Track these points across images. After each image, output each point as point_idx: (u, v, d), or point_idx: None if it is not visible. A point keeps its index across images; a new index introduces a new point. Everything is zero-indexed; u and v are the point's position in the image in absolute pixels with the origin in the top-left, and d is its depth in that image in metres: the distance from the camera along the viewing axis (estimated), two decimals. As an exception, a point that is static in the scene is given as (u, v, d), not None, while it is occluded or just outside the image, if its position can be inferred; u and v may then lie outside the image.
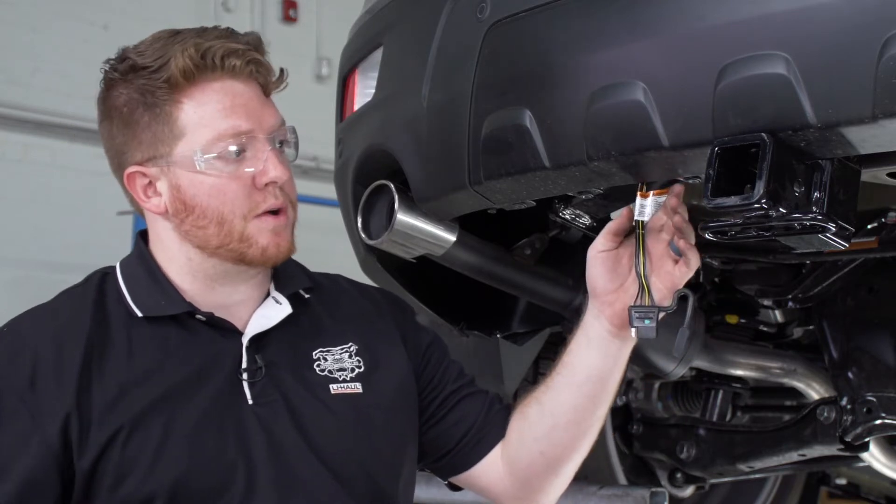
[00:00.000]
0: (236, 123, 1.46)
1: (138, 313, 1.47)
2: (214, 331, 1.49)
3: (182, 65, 1.44)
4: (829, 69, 1.17)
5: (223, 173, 1.46)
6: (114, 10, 5.81)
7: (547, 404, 1.59)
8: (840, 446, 2.15)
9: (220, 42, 1.48)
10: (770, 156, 1.21)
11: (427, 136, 1.69)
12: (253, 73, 1.49)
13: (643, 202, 1.43)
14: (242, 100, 1.48)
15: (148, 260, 1.53)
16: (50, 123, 5.57)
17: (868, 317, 2.13)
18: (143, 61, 1.47)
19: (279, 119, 1.52)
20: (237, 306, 1.52)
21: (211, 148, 1.45)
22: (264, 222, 1.48)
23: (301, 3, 6.67)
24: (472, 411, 1.65)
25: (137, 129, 1.48)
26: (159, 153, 1.47)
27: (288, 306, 1.54)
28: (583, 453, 1.63)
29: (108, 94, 1.49)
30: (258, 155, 1.47)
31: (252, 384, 1.47)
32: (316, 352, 1.55)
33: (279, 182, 1.47)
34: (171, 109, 1.46)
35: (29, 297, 1.52)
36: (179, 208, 1.48)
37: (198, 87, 1.46)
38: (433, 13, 1.70)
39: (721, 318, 2.30)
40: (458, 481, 1.70)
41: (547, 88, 1.47)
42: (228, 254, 1.48)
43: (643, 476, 2.65)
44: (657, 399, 2.67)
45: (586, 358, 1.55)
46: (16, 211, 5.41)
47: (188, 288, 1.50)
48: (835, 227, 1.29)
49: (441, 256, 1.83)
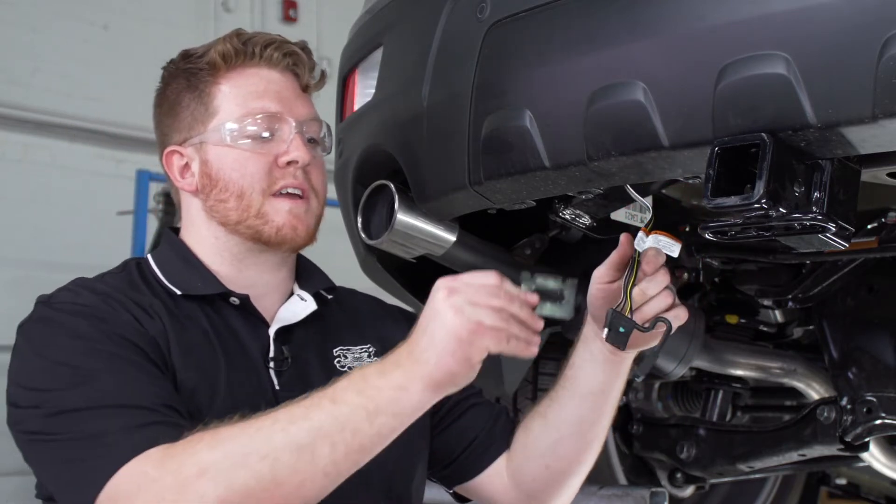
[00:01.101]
0: (266, 104, 1.53)
1: (176, 291, 1.52)
2: (244, 319, 1.53)
3: (222, 49, 1.54)
4: (829, 69, 1.17)
5: (247, 148, 1.52)
6: (114, 10, 5.80)
7: (551, 418, 1.61)
8: (840, 446, 2.15)
9: (265, 36, 1.57)
10: (770, 156, 1.21)
11: (427, 136, 1.69)
12: (290, 65, 1.57)
13: (644, 237, 1.44)
14: (276, 87, 1.56)
15: (180, 247, 1.58)
16: (50, 123, 5.56)
17: (868, 317, 2.13)
18: (193, 50, 1.58)
19: (312, 114, 1.59)
20: (263, 298, 1.56)
21: (239, 123, 1.52)
22: (282, 202, 1.53)
23: (301, 3, 6.66)
24: (479, 420, 1.67)
25: (179, 111, 1.56)
26: (195, 132, 1.55)
27: (313, 303, 1.59)
28: (587, 466, 1.64)
29: (162, 86, 1.60)
30: (284, 137, 1.53)
31: (279, 373, 1.52)
32: (336, 349, 1.60)
33: (300, 163, 1.52)
34: (210, 90, 1.54)
35: (29, 297, 1.53)
36: (206, 182, 1.55)
37: (236, 71, 1.55)
38: (433, 13, 1.70)
39: (721, 318, 2.30)
40: (464, 490, 1.71)
41: (547, 88, 1.47)
42: (247, 230, 1.53)
43: (643, 476, 2.65)
44: (657, 399, 2.67)
45: (589, 371, 1.57)
46: (16, 211, 5.40)
47: (219, 269, 1.55)
48: (835, 227, 1.29)
49: (441, 256, 1.83)
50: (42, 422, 1.35)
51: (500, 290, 1.32)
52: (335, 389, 1.31)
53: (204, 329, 1.49)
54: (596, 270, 1.51)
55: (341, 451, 1.29)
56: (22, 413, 1.39)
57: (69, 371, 1.37)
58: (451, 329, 1.29)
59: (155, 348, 1.42)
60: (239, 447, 1.27)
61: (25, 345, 1.44)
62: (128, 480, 1.28)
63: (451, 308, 1.30)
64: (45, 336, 1.42)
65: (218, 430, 1.29)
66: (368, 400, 1.30)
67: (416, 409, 1.33)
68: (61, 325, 1.42)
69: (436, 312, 1.31)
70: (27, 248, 5.40)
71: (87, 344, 1.39)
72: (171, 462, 1.27)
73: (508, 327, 1.31)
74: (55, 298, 1.47)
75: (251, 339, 1.53)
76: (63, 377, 1.36)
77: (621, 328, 1.40)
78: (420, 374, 1.30)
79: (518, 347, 1.34)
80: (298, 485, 1.27)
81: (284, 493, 1.27)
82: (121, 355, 1.39)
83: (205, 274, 1.54)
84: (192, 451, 1.27)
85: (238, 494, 1.25)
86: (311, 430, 1.28)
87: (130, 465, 1.28)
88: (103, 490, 1.29)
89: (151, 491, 1.26)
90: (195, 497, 1.24)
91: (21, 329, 1.46)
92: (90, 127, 5.68)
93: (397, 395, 1.30)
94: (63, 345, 1.39)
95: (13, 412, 1.41)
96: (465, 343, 1.29)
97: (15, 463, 1.48)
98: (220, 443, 1.28)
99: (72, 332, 1.40)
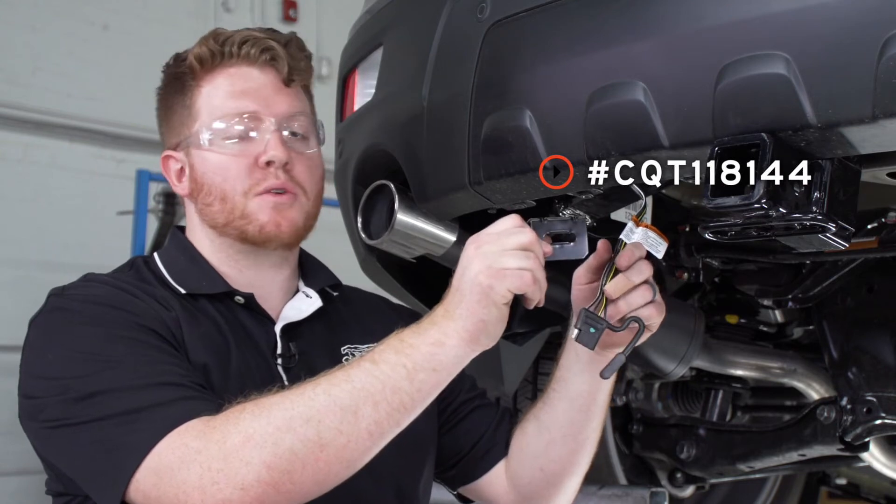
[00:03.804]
0: (242, 104, 1.52)
1: (181, 290, 1.52)
2: (250, 316, 1.54)
3: (197, 52, 1.54)
4: (829, 69, 1.17)
5: (226, 151, 1.52)
6: (114, 10, 5.80)
7: (544, 419, 1.61)
8: (840, 446, 2.15)
9: (245, 32, 1.56)
10: (770, 156, 1.21)
11: (427, 136, 1.69)
12: (268, 60, 1.55)
13: (634, 228, 1.43)
14: (255, 84, 1.54)
15: (187, 246, 1.59)
16: (50, 123, 5.55)
17: (868, 317, 2.13)
18: (183, 53, 1.57)
19: (295, 108, 1.56)
20: (267, 296, 1.56)
21: (216, 126, 1.52)
22: (265, 200, 1.52)
23: (301, 3, 6.66)
24: (484, 421, 1.68)
25: (171, 115, 1.57)
26: (183, 136, 1.55)
27: (318, 300, 1.60)
28: (582, 468, 1.64)
29: (159, 89, 1.60)
30: (263, 136, 1.52)
31: (287, 369, 1.51)
32: (344, 347, 1.60)
33: (277, 162, 1.50)
34: (192, 93, 1.54)
35: (29, 297, 1.54)
36: (194, 187, 1.55)
37: (215, 73, 1.54)
38: (433, 13, 1.69)
39: (721, 318, 2.30)
40: (468, 492, 1.72)
41: (547, 88, 1.47)
42: (234, 231, 1.53)
43: (643, 476, 2.65)
44: (657, 399, 2.67)
45: (576, 373, 1.58)
46: (16, 211, 5.40)
47: (222, 269, 1.56)
48: (835, 227, 1.29)
49: (441, 256, 1.83)
50: (67, 407, 1.34)
51: (520, 230, 1.36)
52: (374, 352, 1.34)
53: (215, 320, 1.50)
54: (576, 272, 1.51)
55: (384, 409, 1.30)
56: (41, 402, 1.38)
57: (91, 357, 1.36)
58: (474, 277, 1.32)
59: (171, 335, 1.42)
60: (282, 412, 1.28)
61: (41, 336, 1.43)
62: (170, 453, 1.28)
63: (476, 259, 1.33)
64: (62, 325, 1.41)
65: (260, 400, 1.30)
66: (407, 358, 1.32)
67: (454, 364, 1.35)
68: (78, 313, 1.41)
69: (464, 268, 1.34)
70: (27, 248, 5.40)
71: (106, 330, 1.39)
72: (214, 433, 1.27)
73: (529, 264, 1.33)
74: (69, 290, 1.47)
75: (259, 335, 1.53)
76: (85, 364, 1.36)
77: (591, 328, 1.40)
78: (454, 328, 1.33)
79: (534, 290, 1.35)
80: (343, 446, 1.28)
81: (329, 455, 1.28)
82: (141, 340, 1.39)
83: (210, 273, 1.54)
84: (235, 421, 1.28)
85: (284, 459, 1.26)
86: (353, 391, 1.29)
87: (170, 437, 1.28)
88: (142, 465, 1.28)
89: (196, 461, 1.26)
90: (241, 464, 1.25)
91: (34, 322, 1.45)
92: (90, 127, 5.68)
93: (434, 351, 1.32)
94: (82, 333, 1.39)
95: (29, 404, 1.39)
96: (486, 288, 1.32)
97: (15, 463, 1.48)
98: (264, 410, 1.28)
99: (89, 320, 1.40)
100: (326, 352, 1.57)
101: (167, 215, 5.08)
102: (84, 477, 1.37)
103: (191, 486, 1.25)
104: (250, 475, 1.24)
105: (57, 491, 1.45)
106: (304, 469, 1.27)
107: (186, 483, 1.26)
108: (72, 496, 1.43)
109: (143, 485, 1.28)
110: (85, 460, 1.35)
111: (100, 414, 1.32)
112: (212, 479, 1.25)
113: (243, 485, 1.24)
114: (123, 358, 1.36)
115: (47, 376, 1.38)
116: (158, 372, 1.35)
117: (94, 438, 1.32)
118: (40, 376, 1.39)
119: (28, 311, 1.48)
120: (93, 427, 1.32)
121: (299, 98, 1.59)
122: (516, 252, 1.33)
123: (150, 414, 1.30)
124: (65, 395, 1.35)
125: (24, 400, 1.40)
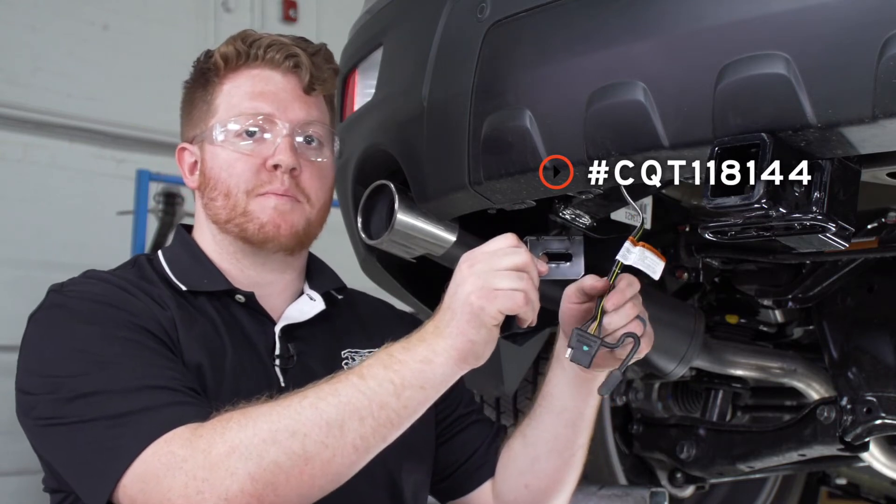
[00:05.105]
0: (259, 106, 1.54)
1: (182, 287, 1.52)
2: (251, 316, 1.54)
3: (223, 51, 1.56)
4: (829, 69, 1.17)
5: (238, 149, 1.53)
6: (114, 10, 5.80)
7: (530, 435, 1.61)
8: (840, 446, 2.15)
9: (274, 37, 1.58)
10: (770, 156, 1.21)
11: (427, 136, 1.68)
12: (291, 67, 1.57)
13: (631, 248, 1.42)
14: (274, 88, 1.56)
15: (190, 244, 1.59)
16: (50, 123, 5.56)
17: (868, 317, 2.13)
18: (211, 50, 1.59)
19: (311, 116, 1.57)
20: (270, 297, 1.57)
21: (230, 123, 1.53)
22: (267, 199, 1.53)
23: (301, 3, 6.66)
24: (479, 436, 1.69)
25: (192, 109, 1.59)
26: (199, 130, 1.57)
27: (321, 303, 1.60)
28: (568, 487, 1.64)
29: (185, 83, 1.62)
30: (275, 139, 1.53)
31: (284, 370, 1.52)
32: (345, 351, 1.60)
33: (283, 167, 1.51)
34: (213, 90, 1.57)
35: (29, 297, 1.54)
36: (202, 180, 1.57)
37: (238, 73, 1.56)
38: (433, 13, 1.69)
39: (721, 318, 2.30)
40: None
41: (547, 88, 1.47)
42: (234, 229, 1.54)
43: (643, 476, 2.65)
44: (657, 399, 2.67)
45: (563, 389, 1.57)
46: (16, 211, 5.40)
47: (225, 267, 1.56)
48: (835, 227, 1.29)
49: (441, 256, 1.83)
50: (59, 406, 1.35)
51: (514, 250, 1.35)
52: (362, 367, 1.33)
53: (212, 319, 1.50)
54: (567, 289, 1.51)
55: (370, 425, 1.30)
56: (35, 399, 1.38)
57: (86, 356, 1.37)
58: (466, 297, 1.32)
59: (166, 335, 1.42)
60: (268, 424, 1.28)
61: (38, 332, 1.43)
62: (156, 460, 1.28)
63: (469, 278, 1.33)
64: (59, 322, 1.42)
65: (246, 410, 1.30)
66: (395, 374, 1.31)
67: (442, 382, 1.34)
68: (76, 311, 1.42)
69: (457, 285, 1.34)
70: (27, 248, 5.40)
71: (102, 329, 1.39)
72: (200, 441, 1.27)
73: (522, 285, 1.33)
74: (68, 286, 1.47)
75: (257, 335, 1.53)
76: (80, 362, 1.36)
77: (585, 347, 1.39)
78: (443, 346, 1.32)
79: (527, 311, 1.35)
80: (328, 460, 1.28)
81: (314, 469, 1.28)
82: (137, 340, 1.39)
83: (212, 270, 1.55)
84: (221, 430, 1.28)
85: (268, 471, 1.26)
86: (340, 406, 1.29)
87: (157, 444, 1.29)
88: (128, 471, 1.29)
89: (182, 469, 1.26)
90: (226, 475, 1.25)
91: (33, 318, 1.46)
92: (90, 127, 5.68)
93: (422, 368, 1.32)
94: (78, 331, 1.40)
95: (25, 399, 1.40)
96: (477, 308, 1.31)
97: (15, 463, 1.48)
98: (250, 421, 1.28)
99: (86, 319, 1.40)
100: (326, 355, 1.57)
101: (167, 215, 5.09)
102: (72, 476, 1.38)
103: (175, 494, 1.26)
104: (234, 486, 1.25)
105: (52, 487, 1.45)
106: (289, 482, 1.27)
107: (171, 491, 1.26)
108: (66, 493, 1.43)
109: (130, 490, 1.29)
110: (74, 460, 1.36)
111: (91, 415, 1.33)
112: (196, 488, 1.25)
113: (227, 495, 1.24)
114: (117, 358, 1.36)
115: (42, 373, 1.39)
116: (151, 375, 1.35)
117: (84, 440, 1.33)
118: (35, 372, 1.40)
119: (28, 311, 1.48)
120: (83, 428, 1.33)
121: (318, 107, 1.60)
122: (509, 273, 1.32)
123: (140, 418, 1.31)
124: (57, 394, 1.35)
125: (20, 394, 1.41)
